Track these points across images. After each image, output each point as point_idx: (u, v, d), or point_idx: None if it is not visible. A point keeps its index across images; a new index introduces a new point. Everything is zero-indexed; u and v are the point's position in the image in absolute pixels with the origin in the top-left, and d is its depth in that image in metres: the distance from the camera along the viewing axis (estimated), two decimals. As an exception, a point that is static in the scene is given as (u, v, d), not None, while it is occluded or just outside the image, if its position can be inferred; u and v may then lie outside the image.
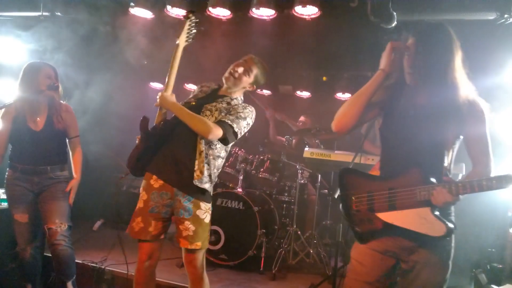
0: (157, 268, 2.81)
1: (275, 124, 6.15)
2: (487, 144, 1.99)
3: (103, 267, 3.99)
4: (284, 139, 5.30)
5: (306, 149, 4.08)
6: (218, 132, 2.55)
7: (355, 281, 2.12)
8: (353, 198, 2.11)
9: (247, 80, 2.80)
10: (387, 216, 2.00)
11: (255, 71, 2.81)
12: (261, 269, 4.38)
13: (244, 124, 2.69)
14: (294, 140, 5.71)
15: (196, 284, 2.73)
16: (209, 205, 2.70)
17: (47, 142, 3.28)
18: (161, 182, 2.64)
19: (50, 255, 3.53)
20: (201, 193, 2.64)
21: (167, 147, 2.68)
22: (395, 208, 1.98)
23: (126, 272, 3.91)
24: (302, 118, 6.08)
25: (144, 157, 2.71)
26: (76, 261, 3.66)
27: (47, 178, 3.29)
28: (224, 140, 2.62)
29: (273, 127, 6.12)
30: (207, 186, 2.65)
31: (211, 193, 2.75)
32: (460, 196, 1.85)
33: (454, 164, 2.12)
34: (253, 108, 2.80)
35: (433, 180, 1.91)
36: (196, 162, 2.59)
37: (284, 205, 5.10)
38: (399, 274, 2.10)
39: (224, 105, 2.73)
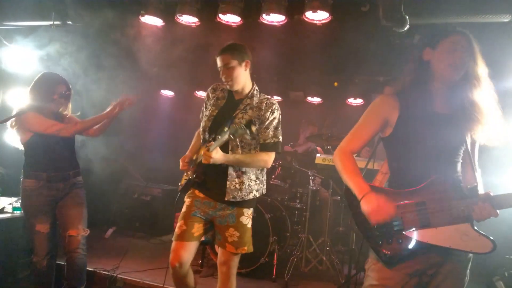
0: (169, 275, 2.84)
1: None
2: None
3: (115, 274, 3.98)
4: (289, 147, 5.29)
5: (318, 155, 4.04)
6: (273, 157, 2.79)
7: None
8: None
9: (239, 71, 2.74)
10: (419, 235, 1.85)
11: (232, 59, 2.72)
12: (274, 276, 4.33)
13: (280, 129, 2.83)
14: (301, 147, 5.71)
15: (226, 285, 2.85)
16: (251, 211, 2.84)
17: (67, 148, 3.33)
18: None
19: (61, 263, 3.55)
20: (239, 203, 2.77)
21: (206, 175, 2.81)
22: (429, 225, 1.84)
23: (138, 280, 3.91)
24: (309, 128, 6.04)
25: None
26: (88, 269, 3.68)
27: (71, 184, 3.33)
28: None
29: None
30: (242, 194, 2.76)
31: (253, 199, 2.86)
32: None
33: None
34: (276, 103, 2.83)
35: (466, 192, 1.85)
36: (228, 178, 2.72)
37: (296, 212, 5.05)
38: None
39: (250, 113, 2.75)
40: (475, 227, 1.82)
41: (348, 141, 2.10)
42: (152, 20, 4.49)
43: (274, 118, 2.77)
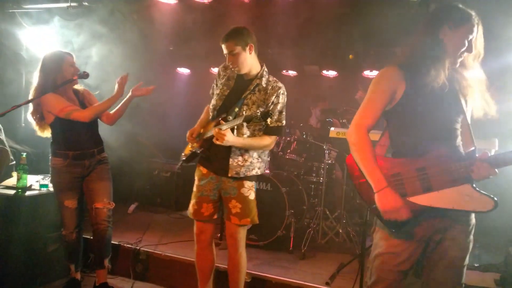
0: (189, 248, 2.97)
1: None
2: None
3: (138, 248, 4.15)
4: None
5: (332, 129, 4.07)
6: (274, 140, 2.88)
7: (389, 272, 2.01)
8: None
9: (244, 56, 2.78)
10: (422, 199, 1.90)
11: (235, 45, 2.76)
12: (291, 248, 4.44)
13: (284, 113, 2.88)
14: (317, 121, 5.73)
15: (234, 257, 2.97)
16: (252, 183, 2.91)
17: (89, 126, 3.39)
18: None
19: (88, 237, 3.72)
20: (241, 178, 2.86)
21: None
22: (431, 189, 1.89)
23: (160, 252, 4.07)
24: (322, 105, 6.05)
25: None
26: (113, 242, 3.85)
27: (95, 160, 3.44)
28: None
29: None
30: (244, 170, 2.85)
31: (254, 176, 2.94)
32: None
33: (484, 140, 2.10)
34: (283, 87, 2.88)
35: (465, 155, 1.90)
36: (231, 155, 2.82)
37: (312, 186, 5.13)
38: (424, 254, 2.04)
39: (257, 95, 2.82)
40: (476, 187, 1.86)
41: (362, 116, 2.06)
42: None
43: (279, 103, 2.82)
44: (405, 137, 2.05)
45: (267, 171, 4.70)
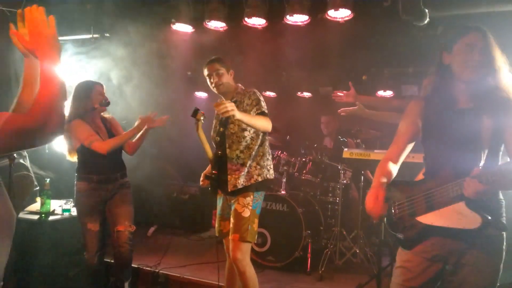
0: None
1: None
2: None
3: (157, 270, 4.22)
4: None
5: (345, 149, 4.12)
6: (269, 121, 2.97)
7: (400, 286, 2.08)
8: (394, 206, 2.12)
9: (227, 78, 3.15)
10: (426, 218, 1.99)
11: (220, 66, 3.12)
12: (308, 270, 4.45)
13: (261, 103, 3.05)
14: (330, 142, 5.78)
15: (240, 276, 3.02)
16: (248, 200, 3.01)
17: (113, 152, 3.50)
18: None
19: (108, 260, 3.81)
20: (240, 190, 3.04)
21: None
22: (433, 208, 1.97)
23: (179, 275, 4.13)
24: (323, 119, 6.07)
25: None
26: (133, 265, 3.91)
27: (118, 184, 3.57)
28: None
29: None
30: (242, 181, 3.02)
31: (255, 184, 3.06)
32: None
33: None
34: (253, 90, 3.14)
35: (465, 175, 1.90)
36: (228, 173, 3.06)
37: (329, 206, 5.15)
38: (444, 277, 2.04)
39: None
40: (472, 205, 1.86)
41: (388, 151, 2.28)
42: (182, 28, 4.72)
43: (252, 100, 3.06)
44: (425, 158, 2.18)
45: (283, 192, 4.76)
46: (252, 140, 3.08)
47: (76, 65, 5.03)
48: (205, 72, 3.18)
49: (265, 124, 2.94)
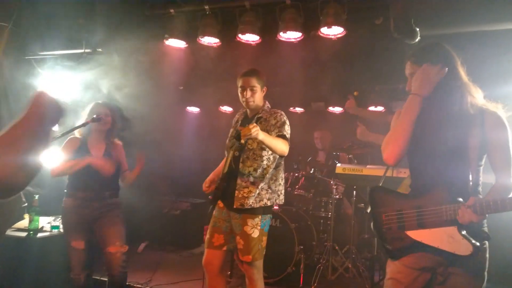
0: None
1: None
2: (509, 154, 1.97)
3: (148, 287, 4.16)
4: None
5: (338, 165, 4.14)
6: (287, 145, 2.98)
7: None
8: (383, 216, 2.16)
9: (259, 95, 3.15)
10: (416, 234, 2.05)
11: (256, 82, 3.09)
12: (301, 285, 4.43)
13: (285, 127, 3.05)
14: (323, 157, 5.81)
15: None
16: (256, 220, 2.99)
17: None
18: None
19: (98, 278, 3.74)
20: (246, 210, 2.99)
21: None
22: (424, 226, 2.02)
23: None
24: (317, 134, 6.13)
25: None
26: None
27: (105, 204, 3.51)
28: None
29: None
30: (251, 202, 2.97)
31: (263, 208, 3.04)
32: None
33: (486, 174, 2.12)
34: (280, 112, 3.14)
35: (459, 199, 1.95)
36: (237, 187, 3.00)
37: (321, 221, 5.15)
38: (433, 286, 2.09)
39: (260, 126, 2.91)
40: (463, 231, 1.93)
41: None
42: (175, 43, 4.73)
43: (277, 121, 3.06)
44: (411, 173, 2.23)
45: (276, 207, 4.75)
46: (268, 162, 3.05)
47: (67, 80, 5.02)
48: (239, 83, 3.14)
49: (283, 147, 2.93)
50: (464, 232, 1.94)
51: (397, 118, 2.19)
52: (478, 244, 1.92)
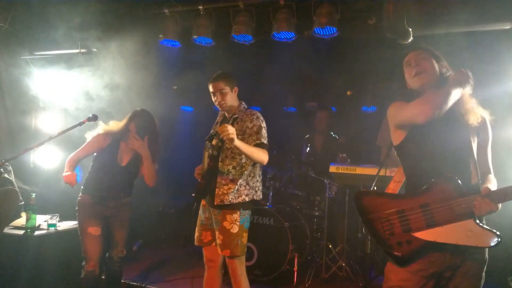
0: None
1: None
2: (489, 153, 2.14)
3: (143, 285, 4.19)
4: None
5: (332, 164, 4.19)
6: (266, 154, 3.02)
7: None
8: (381, 222, 2.06)
9: (231, 96, 3.20)
10: (427, 234, 1.95)
11: (224, 85, 3.16)
12: (295, 283, 4.46)
13: (262, 133, 3.08)
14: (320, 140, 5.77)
15: (235, 285, 3.13)
16: (235, 216, 3.05)
17: (126, 176, 3.64)
18: None
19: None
20: (226, 206, 3.04)
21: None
22: (435, 224, 1.94)
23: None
24: (319, 114, 5.82)
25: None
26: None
27: (120, 203, 3.60)
28: None
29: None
30: (230, 198, 3.03)
31: (242, 203, 3.08)
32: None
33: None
34: (256, 113, 3.18)
35: (468, 191, 1.93)
36: (217, 185, 3.07)
37: (315, 220, 5.19)
38: None
39: (236, 126, 3.09)
40: (480, 222, 1.90)
41: None
42: (170, 43, 4.76)
43: (254, 125, 3.09)
44: (410, 173, 2.18)
45: (269, 206, 4.78)
46: (246, 159, 3.10)
47: (63, 79, 5.03)
48: (210, 88, 3.22)
49: (261, 157, 2.98)
50: (483, 223, 1.90)
51: (399, 108, 2.20)
52: (499, 233, 1.87)
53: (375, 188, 3.22)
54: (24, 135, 5.05)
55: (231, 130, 2.68)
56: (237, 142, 2.76)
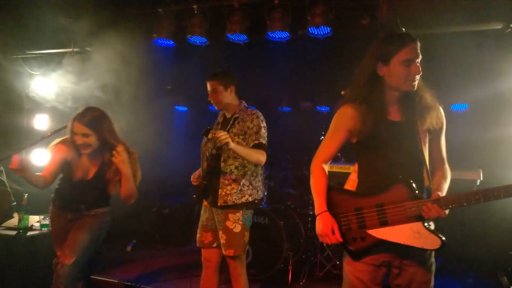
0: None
1: None
2: (443, 140, 2.17)
3: (138, 285, 4.17)
4: None
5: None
6: (264, 155, 3.00)
7: None
8: (341, 217, 2.12)
9: (225, 95, 3.16)
10: (379, 232, 2.02)
11: (217, 84, 3.14)
12: (289, 282, 4.47)
13: (261, 133, 3.05)
14: None
15: (235, 283, 3.15)
16: (238, 215, 3.05)
17: (91, 190, 3.16)
18: None
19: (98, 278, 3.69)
20: (229, 206, 3.04)
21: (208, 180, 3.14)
22: (387, 224, 2.01)
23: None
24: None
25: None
26: (112, 280, 3.88)
27: (81, 216, 3.14)
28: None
29: None
30: (233, 198, 3.03)
31: (245, 203, 3.09)
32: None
33: (469, 171, 2.19)
34: (256, 113, 3.15)
35: (420, 195, 1.99)
36: (220, 186, 3.06)
37: (309, 219, 5.19)
38: (391, 283, 2.13)
39: (237, 126, 3.10)
40: (428, 226, 1.96)
41: (318, 153, 2.27)
42: (164, 42, 4.75)
43: (254, 125, 3.07)
44: (366, 174, 2.18)
45: (264, 205, 4.79)
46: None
47: (56, 79, 5.01)
48: (207, 87, 3.19)
49: (259, 157, 2.96)
50: (429, 227, 1.97)
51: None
52: (444, 238, 1.92)
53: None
54: (16, 135, 5.02)
55: (223, 136, 2.69)
56: (232, 145, 2.76)
